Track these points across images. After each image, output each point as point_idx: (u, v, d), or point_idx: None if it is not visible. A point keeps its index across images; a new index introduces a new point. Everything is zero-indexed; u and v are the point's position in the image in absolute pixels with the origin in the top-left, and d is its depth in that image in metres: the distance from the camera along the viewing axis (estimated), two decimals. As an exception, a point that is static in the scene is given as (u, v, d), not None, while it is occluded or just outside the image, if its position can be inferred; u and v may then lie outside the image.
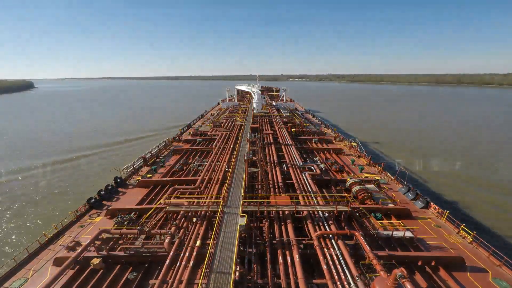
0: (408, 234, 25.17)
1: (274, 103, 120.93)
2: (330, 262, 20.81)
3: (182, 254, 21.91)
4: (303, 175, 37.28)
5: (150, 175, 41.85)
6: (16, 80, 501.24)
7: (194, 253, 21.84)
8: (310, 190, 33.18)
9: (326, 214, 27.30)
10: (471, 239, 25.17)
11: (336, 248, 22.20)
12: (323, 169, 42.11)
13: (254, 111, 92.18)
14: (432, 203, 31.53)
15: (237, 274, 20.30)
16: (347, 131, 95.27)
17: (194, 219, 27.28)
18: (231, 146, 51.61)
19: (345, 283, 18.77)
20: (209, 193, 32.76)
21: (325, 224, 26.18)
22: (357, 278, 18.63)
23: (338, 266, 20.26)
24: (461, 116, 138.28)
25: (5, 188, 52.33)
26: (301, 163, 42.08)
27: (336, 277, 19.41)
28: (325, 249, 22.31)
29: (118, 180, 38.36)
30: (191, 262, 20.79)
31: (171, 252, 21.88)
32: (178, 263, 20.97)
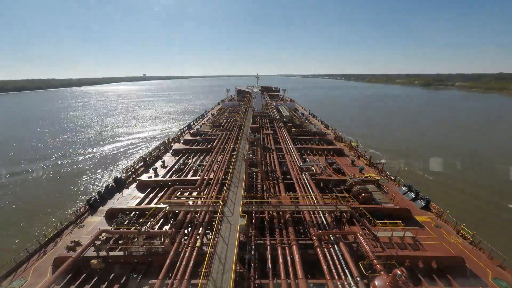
0: (408, 234, 25.19)
1: (274, 103, 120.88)
2: (330, 262, 20.83)
3: (182, 254, 21.93)
4: (303, 175, 37.29)
5: (150, 175, 41.84)
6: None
7: (194, 253, 21.84)
8: (310, 190, 33.19)
9: (326, 214, 27.33)
10: (471, 239, 25.18)
11: (336, 248, 22.23)
12: (323, 169, 42.12)
13: (254, 111, 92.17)
14: (432, 203, 31.52)
15: (237, 274, 20.27)
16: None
17: (194, 219, 27.29)
18: (231, 146, 51.67)
19: (345, 283, 18.79)
20: (209, 193, 32.75)
21: (325, 224, 26.22)
22: (357, 278, 18.64)
23: (338, 266, 20.29)
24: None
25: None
26: (301, 163, 42.08)
27: (336, 277, 19.43)
28: (325, 249, 22.34)
29: (118, 180, 38.36)
30: (191, 262, 20.79)
31: (171, 252, 21.90)
32: (178, 263, 20.96)
